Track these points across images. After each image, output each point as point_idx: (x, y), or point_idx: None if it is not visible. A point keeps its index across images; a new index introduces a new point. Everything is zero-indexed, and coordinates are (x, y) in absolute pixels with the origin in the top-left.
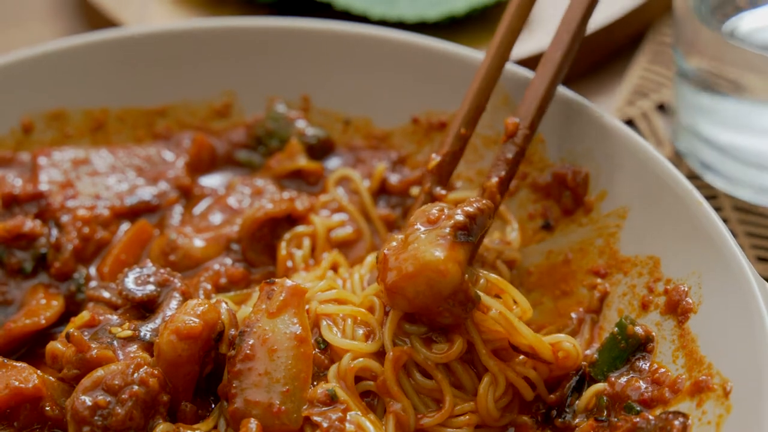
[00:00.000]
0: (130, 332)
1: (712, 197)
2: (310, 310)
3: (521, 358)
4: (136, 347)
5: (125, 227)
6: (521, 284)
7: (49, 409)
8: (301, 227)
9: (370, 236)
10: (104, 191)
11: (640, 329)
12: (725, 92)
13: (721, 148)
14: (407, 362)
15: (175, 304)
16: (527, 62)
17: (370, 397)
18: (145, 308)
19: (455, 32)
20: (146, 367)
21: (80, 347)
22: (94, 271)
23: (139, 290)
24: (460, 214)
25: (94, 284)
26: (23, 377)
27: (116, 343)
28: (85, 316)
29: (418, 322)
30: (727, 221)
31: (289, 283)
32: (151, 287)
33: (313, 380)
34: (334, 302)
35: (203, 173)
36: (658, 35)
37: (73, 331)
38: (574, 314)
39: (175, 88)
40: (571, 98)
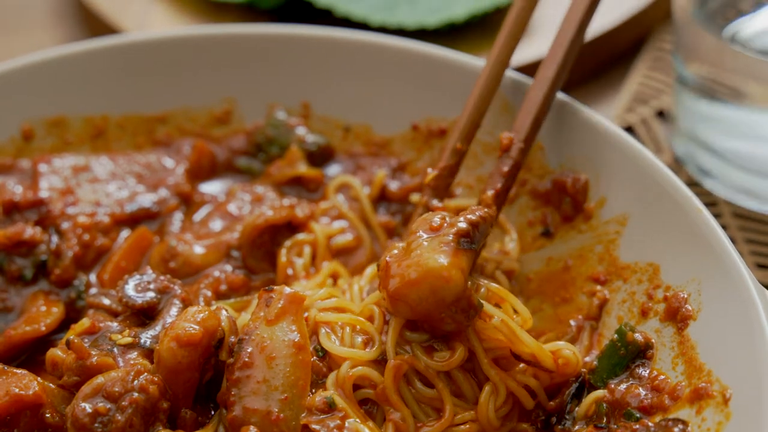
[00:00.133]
0: (130, 339)
1: (711, 204)
2: (309, 317)
3: (522, 366)
4: (136, 354)
5: (125, 234)
6: (521, 291)
7: (49, 416)
8: (301, 235)
9: (370, 243)
10: (104, 198)
11: (639, 336)
12: (725, 99)
13: (720, 154)
14: (407, 370)
15: (175, 311)
16: (526, 69)
17: (368, 404)
18: (145, 315)
19: (455, 39)
20: (146, 374)
21: (80, 354)
22: (94, 278)
23: (139, 297)
24: (462, 221)
25: (94, 291)
26: (23, 384)
27: (116, 350)
28: (85, 323)
29: (419, 329)
30: (726, 228)
31: (287, 290)
32: (151, 294)
33: (311, 388)
34: (333, 310)
35: (203, 180)
36: (657, 42)
37: (73, 338)
38: (573, 321)
39: (175, 95)
40: (570, 105)
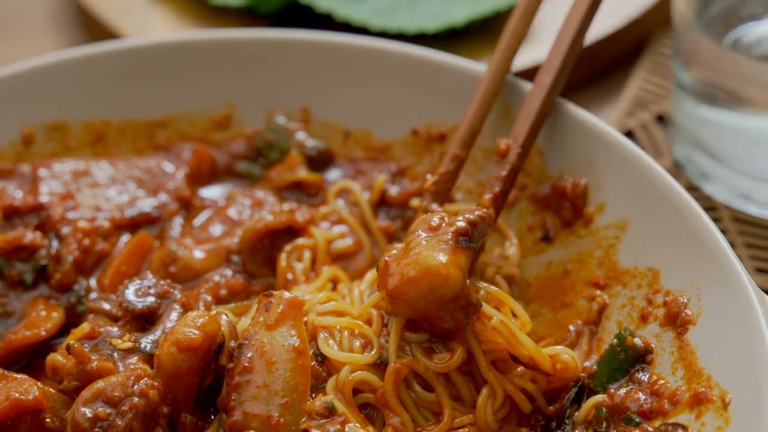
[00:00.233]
0: (130, 344)
1: (710, 208)
2: (308, 322)
3: (519, 370)
4: (136, 359)
5: (125, 239)
6: (521, 296)
7: (49, 420)
8: (301, 240)
9: (370, 248)
10: (104, 203)
11: (639, 341)
12: (725, 104)
13: (720, 159)
14: (407, 374)
15: (175, 315)
16: (526, 74)
17: (368, 409)
18: (145, 320)
19: (455, 44)
20: (146, 378)
21: (80, 359)
22: (94, 282)
23: (139, 302)
24: (461, 220)
25: (94, 296)
26: (23, 389)
27: (116, 354)
28: (85, 327)
29: (419, 329)
30: (725, 232)
31: (287, 295)
32: (151, 299)
33: (311, 393)
34: (332, 314)
35: (203, 185)
36: (657, 46)
37: (73, 342)
38: (572, 326)
39: (175, 99)
40: (570, 110)
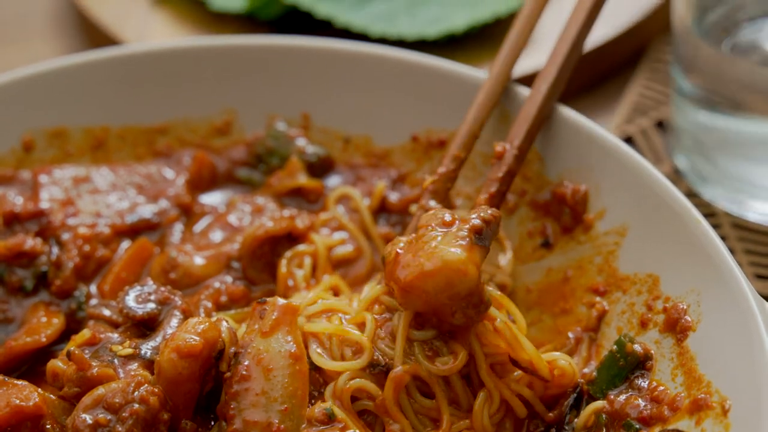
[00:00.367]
0: (130, 350)
1: (710, 215)
2: (300, 326)
3: (516, 374)
4: (136, 365)
5: (126, 245)
6: (521, 302)
7: (50, 427)
8: (302, 246)
9: (370, 254)
10: (105, 209)
11: (638, 347)
12: (724, 109)
13: (720, 165)
14: (407, 381)
15: (175, 322)
16: (525, 80)
17: (367, 415)
18: (145, 326)
19: (454, 50)
20: (147, 385)
21: (81, 365)
22: (94, 289)
23: (139, 308)
24: (476, 218)
25: (94, 302)
26: (24, 395)
27: (117, 361)
28: (85, 334)
29: (426, 325)
30: (725, 239)
31: (280, 301)
32: (151, 305)
33: (310, 400)
34: (321, 314)
35: (203, 191)
36: (656, 53)
37: (73, 349)
38: (571, 333)
39: (175, 106)
40: (569, 116)
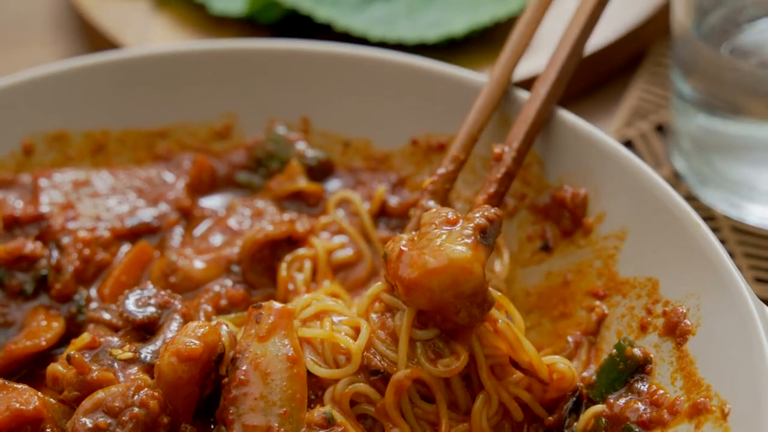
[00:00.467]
0: (130, 354)
1: (710, 218)
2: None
3: (515, 377)
4: (136, 369)
5: (126, 249)
6: (519, 306)
7: (49, 431)
8: (302, 250)
9: (370, 258)
10: (105, 213)
11: (638, 351)
12: (724, 113)
13: (719, 169)
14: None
15: (175, 326)
16: (525, 84)
17: (365, 419)
18: (145, 330)
19: (454, 54)
20: (147, 389)
21: (81, 369)
22: (94, 292)
23: (139, 312)
24: (480, 217)
25: (94, 306)
26: (24, 399)
27: (117, 365)
28: (85, 337)
29: (429, 324)
30: (725, 242)
31: (276, 305)
32: (151, 309)
33: (309, 403)
34: (315, 317)
35: (203, 195)
36: (656, 56)
37: (73, 353)
38: (570, 338)
39: (175, 109)
40: (569, 119)
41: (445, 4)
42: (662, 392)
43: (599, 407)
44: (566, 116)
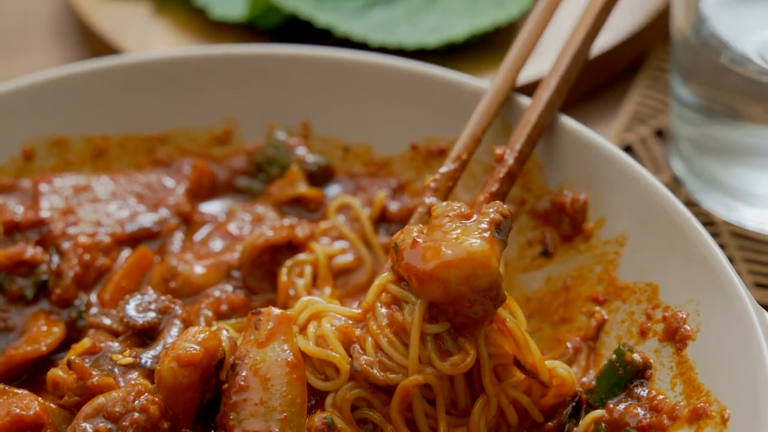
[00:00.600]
0: (131, 359)
1: (709, 223)
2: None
3: (514, 379)
4: (137, 374)
5: (126, 254)
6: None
7: None
8: (302, 255)
9: (371, 263)
10: (105, 218)
11: (638, 356)
12: (723, 118)
13: (719, 174)
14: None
15: (176, 331)
16: (527, 88)
17: (366, 423)
18: (146, 335)
19: (454, 59)
20: (147, 394)
21: (81, 374)
22: (94, 298)
23: (140, 317)
24: (494, 212)
25: (95, 311)
26: (24, 404)
27: (117, 370)
28: (86, 343)
29: (440, 318)
30: (725, 247)
31: (275, 311)
32: (152, 314)
33: (309, 408)
34: (310, 321)
35: (203, 200)
36: (656, 61)
37: (74, 358)
38: (569, 343)
39: (175, 114)
40: (569, 125)
41: (444, 9)
42: (662, 397)
43: (599, 412)
44: (566, 122)
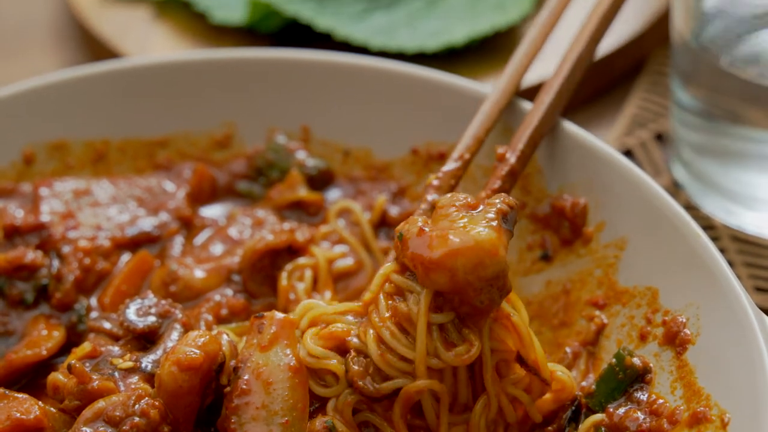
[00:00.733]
0: (131, 363)
1: (709, 227)
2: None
3: (515, 376)
4: (137, 378)
5: (126, 258)
6: None
7: None
8: (302, 259)
9: (371, 267)
10: (105, 222)
11: (638, 360)
12: (723, 122)
13: (719, 178)
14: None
15: (176, 335)
16: (530, 91)
17: (367, 427)
18: (146, 339)
19: (454, 63)
20: (147, 398)
21: (81, 378)
22: (95, 301)
23: (140, 321)
24: (500, 202)
25: (95, 315)
26: (24, 408)
27: (117, 374)
28: (86, 347)
29: (445, 307)
30: (724, 251)
31: (278, 315)
32: (152, 318)
33: (310, 413)
34: (309, 327)
35: (204, 204)
36: (656, 65)
37: (74, 362)
38: (568, 348)
39: (175, 118)
40: (569, 129)
41: (445, 13)
42: (662, 401)
43: (599, 416)
44: (566, 125)
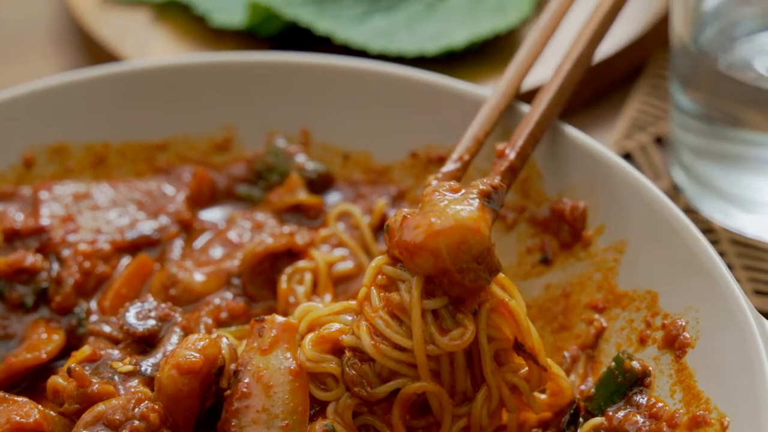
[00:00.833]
0: (131, 367)
1: (709, 231)
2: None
3: (514, 364)
4: (137, 382)
5: (126, 261)
6: None
7: None
8: (302, 262)
9: None
10: (105, 225)
11: (637, 364)
12: (722, 125)
13: (718, 181)
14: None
15: (176, 338)
16: (530, 94)
17: (368, 429)
18: (146, 343)
19: (454, 66)
20: (147, 401)
21: (81, 382)
22: (95, 305)
23: (140, 325)
24: (483, 184)
25: (95, 318)
26: (24, 412)
27: (117, 377)
28: (86, 350)
29: (437, 292)
30: (724, 255)
31: (279, 319)
32: (152, 322)
33: (311, 416)
34: (308, 331)
35: (203, 207)
36: (655, 68)
37: (74, 365)
38: (567, 352)
39: (175, 122)
40: (569, 132)
41: (444, 16)
42: (661, 405)
43: (598, 420)
44: (566, 129)
